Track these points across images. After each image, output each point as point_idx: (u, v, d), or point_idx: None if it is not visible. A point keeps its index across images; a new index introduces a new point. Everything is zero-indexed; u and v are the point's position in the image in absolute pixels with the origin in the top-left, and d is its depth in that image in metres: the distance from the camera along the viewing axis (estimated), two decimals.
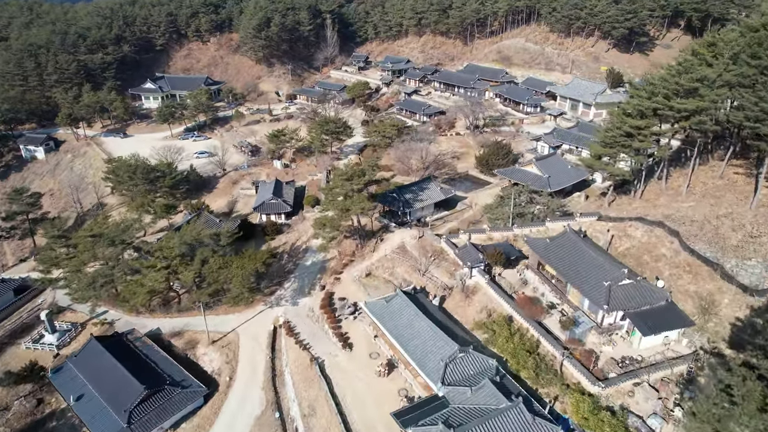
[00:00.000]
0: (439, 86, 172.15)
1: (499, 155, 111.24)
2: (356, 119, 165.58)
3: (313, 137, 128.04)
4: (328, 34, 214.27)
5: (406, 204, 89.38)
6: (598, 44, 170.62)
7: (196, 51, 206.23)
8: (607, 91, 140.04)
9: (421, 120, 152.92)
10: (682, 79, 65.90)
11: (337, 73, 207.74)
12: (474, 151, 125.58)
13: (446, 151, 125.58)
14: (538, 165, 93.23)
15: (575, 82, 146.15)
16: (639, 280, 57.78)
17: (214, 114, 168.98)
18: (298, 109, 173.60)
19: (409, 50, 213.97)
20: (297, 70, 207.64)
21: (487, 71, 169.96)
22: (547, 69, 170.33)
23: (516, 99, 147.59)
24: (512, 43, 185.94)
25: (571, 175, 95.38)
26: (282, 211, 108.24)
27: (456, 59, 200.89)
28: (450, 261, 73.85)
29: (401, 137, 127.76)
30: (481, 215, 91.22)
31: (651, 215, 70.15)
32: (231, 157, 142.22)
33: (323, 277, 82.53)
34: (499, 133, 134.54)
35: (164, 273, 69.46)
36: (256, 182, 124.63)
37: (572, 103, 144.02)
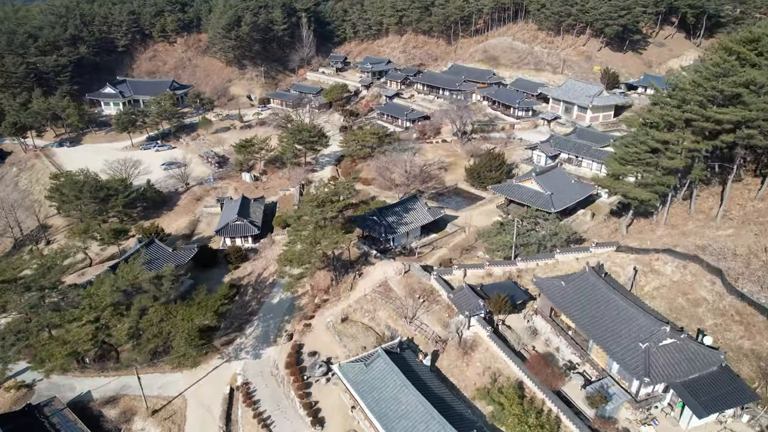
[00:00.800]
0: (423, 88, 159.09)
1: (492, 167, 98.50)
2: (334, 125, 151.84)
3: (284, 147, 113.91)
4: (303, 33, 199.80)
5: (389, 229, 76.05)
6: (590, 42, 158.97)
7: (162, 53, 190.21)
8: (603, 92, 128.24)
9: (403, 125, 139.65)
10: (721, 83, 53.49)
11: (314, 75, 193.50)
12: (463, 161, 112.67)
13: (432, 161, 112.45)
14: (538, 180, 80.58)
15: (569, 83, 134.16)
16: (683, 338, 45.20)
17: (180, 121, 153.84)
18: (271, 114, 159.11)
19: (390, 50, 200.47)
20: (270, 72, 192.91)
21: (473, 72, 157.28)
22: (537, 69, 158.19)
23: (506, 102, 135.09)
24: (499, 42, 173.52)
25: (575, 192, 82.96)
26: (248, 233, 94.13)
27: (440, 59, 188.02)
28: (443, 304, 60.68)
29: (382, 146, 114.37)
30: (475, 239, 78.31)
31: (681, 246, 57.78)
32: (195, 170, 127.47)
33: (292, 320, 68.84)
34: (488, 140, 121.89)
35: (91, 328, 55.17)
36: (221, 199, 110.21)
37: (566, 106, 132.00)
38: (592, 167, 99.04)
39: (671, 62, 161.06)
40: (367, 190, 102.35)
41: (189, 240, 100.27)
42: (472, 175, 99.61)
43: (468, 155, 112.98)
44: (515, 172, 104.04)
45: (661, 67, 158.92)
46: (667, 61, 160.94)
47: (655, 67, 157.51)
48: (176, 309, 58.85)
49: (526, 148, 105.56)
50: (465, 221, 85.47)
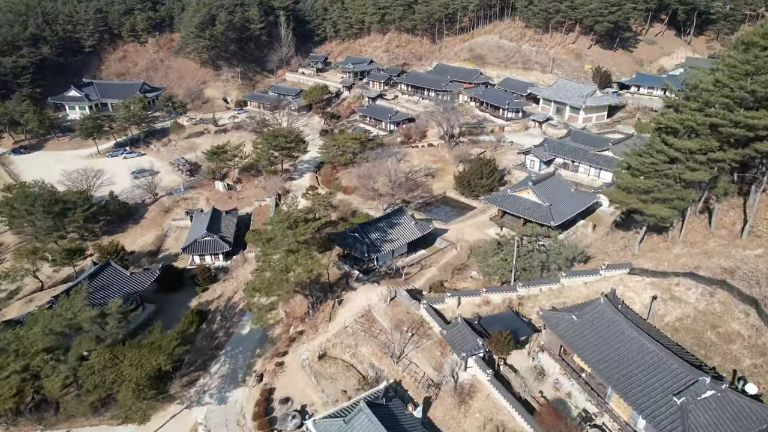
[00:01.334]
0: (407, 89, 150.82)
1: (482, 174, 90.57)
2: (314, 129, 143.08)
3: (258, 154, 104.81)
4: (282, 32, 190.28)
5: (372, 247, 67.57)
6: (580, 40, 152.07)
7: (132, 53, 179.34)
8: (596, 92, 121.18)
9: (387, 129, 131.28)
10: (751, 83, 45.96)
11: (293, 75, 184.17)
12: (451, 167, 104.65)
13: (418, 167, 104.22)
14: (535, 190, 72.74)
15: (560, 82, 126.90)
16: (725, 389, 37.51)
17: (150, 126, 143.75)
18: (248, 117, 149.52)
19: (372, 49, 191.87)
20: (248, 73, 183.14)
21: (459, 72, 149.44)
22: (525, 68, 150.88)
23: (494, 103, 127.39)
24: (485, 40, 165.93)
25: (575, 202, 75.28)
26: (219, 251, 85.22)
27: (424, 59, 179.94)
28: (435, 339, 52.43)
29: (365, 152, 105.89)
30: (467, 255, 70.29)
31: (705, 268, 50.22)
32: (165, 178, 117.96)
33: (263, 354, 60.12)
34: (477, 144, 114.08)
35: (17, 380, 45.90)
36: (191, 211, 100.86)
37: (557, 107, 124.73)
38: (589, 173, 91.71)
39: (662, 60, 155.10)
40: (348, 200, 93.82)
41: (155, 258, 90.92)
42: (462, 183, 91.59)
43: (456, 160, 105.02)
44: (507, 179, 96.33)
45: (652, 65, 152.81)
46: (658, 59, 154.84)
47: (646, 65, 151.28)
48: (123, 352, 49.69)
49: (518, 153, 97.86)
50: (455, 235, 77.38)
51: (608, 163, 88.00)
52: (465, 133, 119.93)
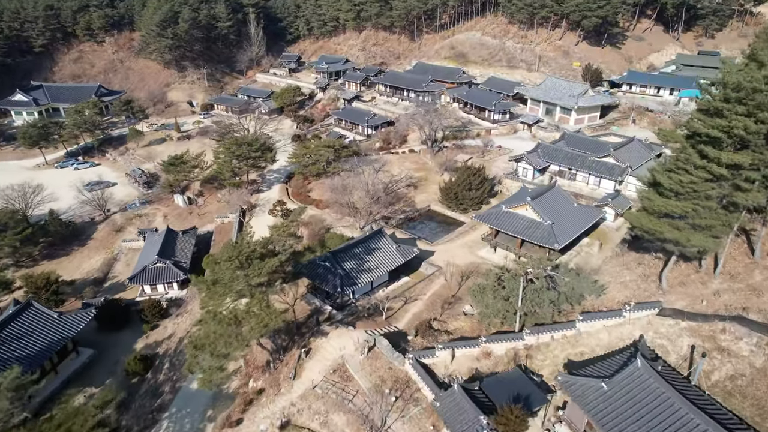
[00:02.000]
0: (385, 90, 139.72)
1: (471, 184, 79.97)
2: (285, 134, 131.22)
3: (220, 165, 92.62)
4: (251, 31, 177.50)
5: (347, 279, 56.37)
6: (567, 37, 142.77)
7: (89, 54, 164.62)
8: (588, 91, 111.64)
9: (364, 133, 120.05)
10: None
11: (264, 76, 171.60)
12: (435, 176, 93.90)
13: (399, 176, 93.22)
14: (535, 206, 62.27)
15: (549, 81, 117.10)
16: None
17: (106, 133, 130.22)
18: (214, 122, 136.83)
19: (348, 48, 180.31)
20: (215, 74, 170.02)
21: (441, 71, 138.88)
22: (510, 67, 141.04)
23: (480, 104, 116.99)
24: (466, 37, 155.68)
25: (580, 218, 65.07)
26: (173, 279, 73.42)
27: (402, 57, 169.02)
28: (425, 405, 41.51)
29: (339, 161, 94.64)
30: (458, 284, 59.65)
31: (755, 309, 40.39)
32: (118, 192, 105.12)
33: (215, 417, 48.53)
34: (463, 149, 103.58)
35: None
36: (144, 231, 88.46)
37: (547, 108, 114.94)
38: (588, 181, 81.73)
39: (651, 57, 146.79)
40: (320, 216, 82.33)
41: (100, 287, 78.51)
42: (448, 196, 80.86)
43: (441, 168, 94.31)
44: (498, 189, 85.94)
45: (642, 62, 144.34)
46: (647, 55, 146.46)
47: (635, 63, 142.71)
48: None
49: (510, 160, 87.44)
50: (443, 258, 66.53)
51: (610, 170, 78.20)
52: (449, 137, 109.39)
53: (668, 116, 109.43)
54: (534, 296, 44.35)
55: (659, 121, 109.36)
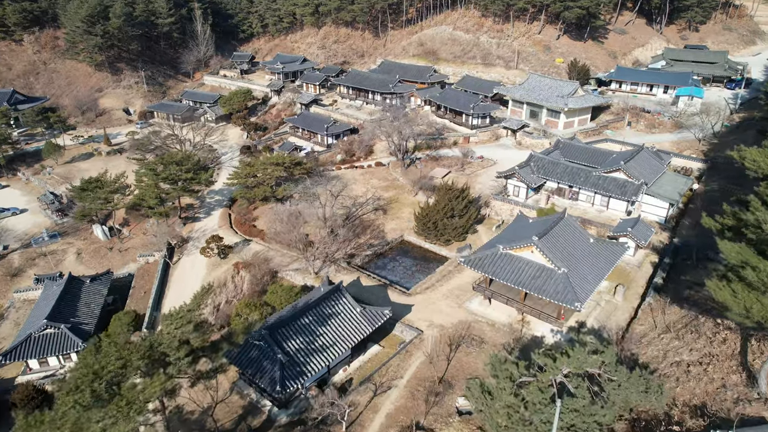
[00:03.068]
0: (348, 92, 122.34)
1: (453, 209, 63.57)
2: (233, 145, 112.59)
3: (143, 190, 73.67)
4: (198, 28, 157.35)
5: (291, 369, 39.02)
6: (547, 30, 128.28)
7: (6, 54, 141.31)
8: (578, 91, 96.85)
9: (324, 143, 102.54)
10: None
11: (213, 79, 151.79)
12: (408, 196, 77.30)
13: (365, 196, 76.26)
14: (543, 248, 46.15)
15: (533, 80, 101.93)
16: None
17: (18, 148, 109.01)
18: (152, 132, 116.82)
19: (306, 46, 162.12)
20: (157, 77, 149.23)
21: (409, 69, 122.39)
22: (486, 64, 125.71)
23: (455, 107, 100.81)
24: (436, 32, 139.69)
25: (599, 260, 49.27)
26: (69, 350, 54.89)
27: (367, 56, 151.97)
28: None
29: (292, 180, 77.11)
30: (446, 359, 43.26)
31: None
32: (25, 222, 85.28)
33: None
34: (439, 161, 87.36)
35: None
36: (43, 277, 69.10)
37: (531, 110, 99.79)
38: (594, 201, 66.55)
39: (636, 52, 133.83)
40: (266, 254, 64.61)
41: None
42: (426, 225, 64.27)
43: (414, 186, 77.68)
44: (486, 212, 69.87)
45: (627, 57, 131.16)
46: (632, 50, 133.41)
47: (620, 58, 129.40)
48: None
49: (498, 176, 71.39)
50: (424, 316, 50.09)
51: (621, 188, 63.10)
52: (422, 146, 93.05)
53: (668, 118, 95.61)
54: (576, 418, 27.96)
55: (658, 123, 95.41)
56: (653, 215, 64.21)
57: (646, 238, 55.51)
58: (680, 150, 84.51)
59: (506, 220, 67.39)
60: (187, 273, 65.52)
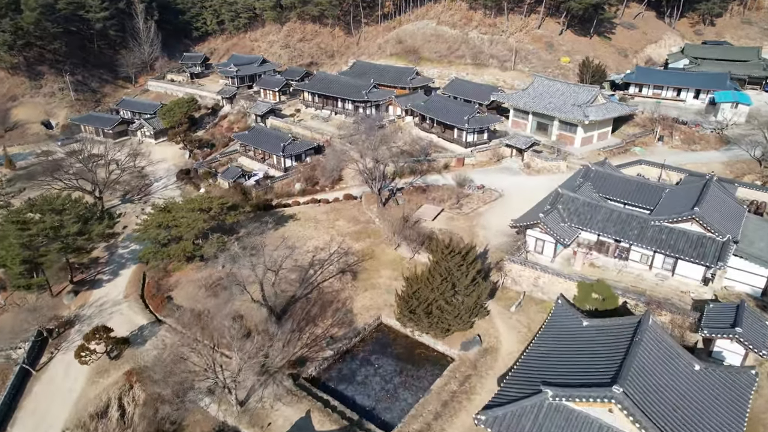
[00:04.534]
0: (313, 100, 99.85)
1: (454, 281, 41.98)
2: (171, 168, 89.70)
3: (3, 251, 50.25)
4: (140, 25, 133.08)
5: None
6: (547, 25, 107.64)
7: None
8: (598, 98, 76.16)
9: (281, 165, 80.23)
10: None
11: (159, 84, 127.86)
12: (387, 248, 55.47)
13: (327, 248, 54.27)
14: (629, 407, 24.96)
15: (539, 84, 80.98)
16: None
17: None
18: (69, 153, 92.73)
19: (268, 45, 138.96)
20: (90, 82, 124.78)
21: (387, 72, 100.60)
22: (477, 64, 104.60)
23: (445, 119, 78.95)
24: (417, 27, 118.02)
25: (717, 408, 28.24)
26: None
27: (338, 55, 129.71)
28: None
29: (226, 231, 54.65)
30: None
31: None
32: None
33: None
34: (427, 192, 65.71)
35: None
36: None
37: (538, 122, 78.94)
38: (651, 263, 45.56)
39: (649, 49, 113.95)
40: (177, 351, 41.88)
41: None
42: (413, 309, 42.56)
43: (395, 233, 55.62)
44: (498, 280, 48.29)
45: (638, 55, 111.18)
46: (643, 47, 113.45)
47: (631, 56, 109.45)
48: None
49: (514, 227, 49.97)
50: None
51: (696, 246, 42.43)
52: (404, 171, 71.36)
53: (710, 131, 75.57)
54: None
55: (698, 137, 75.31)
56: (743, 285, 43.67)
57: (763, 342, 34.63)
58: (737, 175, 64.46)
59: (528, 291, 46.23)
60: (55, 388, 42.62)
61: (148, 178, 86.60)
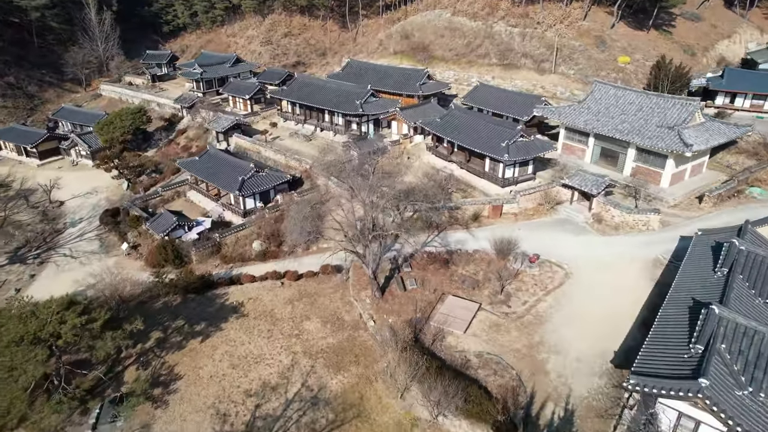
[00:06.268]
0: (293, 111, 75.46)
1: None
2: (99, 204, 65.74)
3: None
4: (91, 16, 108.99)
5: None
6: (595, 15, 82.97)
7: None
8: (695, 115, 51.54)
9: (240, 207, 55.89)
10: None
11: (113, 88, 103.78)
12: (387, 392, 30.96)
13: (280, 386, 30.24)
14: None
15: (602, 92, 56.41)
16: None
17: None
18: None
19: (246, 41, 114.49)
20: (27, 85, 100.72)
21: (390, 74, 76.11)
22: (506, 65, 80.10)
23: (473, 145, 54.02)
24: (427, 19, 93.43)
25: None
26: None
27: (330, 54, 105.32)
28: None
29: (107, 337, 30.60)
30: None
31: None
32: None
33: None
34: (449, 268, 41.38)
35: None
36: None
37: (602, 148, 54.56)
38: None
39: (721, 46, 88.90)
40: None
41: None
42: None
43: (398, 362, 31.28)
44: None
45: (709, 53, 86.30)
46: (714, 44, 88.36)
47: (700, 55, 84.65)
48: None
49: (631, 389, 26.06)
50: None
51: None
52: (413, 224, 47.07)
53: None
54: None
55: None
56: None
57: None
58: None
59: None
60: None
61: (64, 220, 62.71)
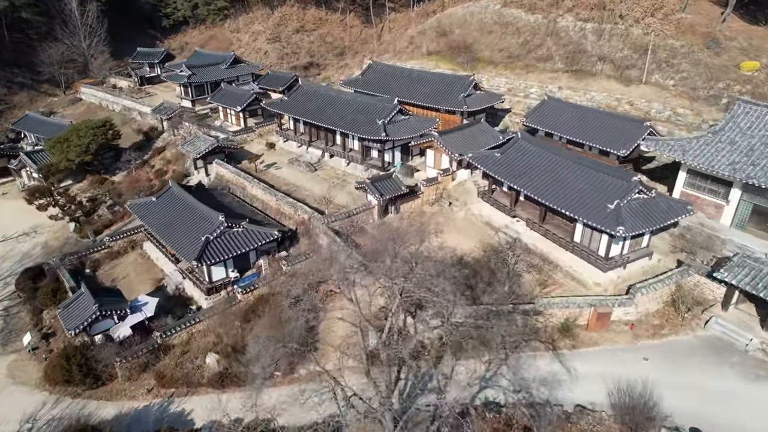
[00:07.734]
0: (296, 130, 57.08)
1: None
2: (33, 252, 48.05)
3: None
4: (72, 7, 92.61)
5: None
6: (697, 4, 62.17)
7: None
8: None
9: (204, 278, 37.47)
10: None
11: (94, 92, 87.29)
12: None
13: None
14: None
15: (750, 116, 36.29)
16: None
17: None
18: None
19: (251, 38, 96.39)
20: None
21: (424, 83, 56.87)
22: (575, 72, 59.93)
23: (555, 202, 34.64)
24: (470, 11, 73.55)
25: None
26: None
27: (350, 54, 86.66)
28: None
29: None
30: None
31: None
32: None
33: None
34: None
35: None
36: None
37: (754, 205, 34.49)
38: None
39: None
40: None
41: None
42: None
43: None
44: None
45: None
46: None
47: None
48: None
49: None
50: None
51: None
52: (464, 332, 27.70)
53: None
54: None
55: None
56: None
57: None
58: None
59: None
60: None
61: None
